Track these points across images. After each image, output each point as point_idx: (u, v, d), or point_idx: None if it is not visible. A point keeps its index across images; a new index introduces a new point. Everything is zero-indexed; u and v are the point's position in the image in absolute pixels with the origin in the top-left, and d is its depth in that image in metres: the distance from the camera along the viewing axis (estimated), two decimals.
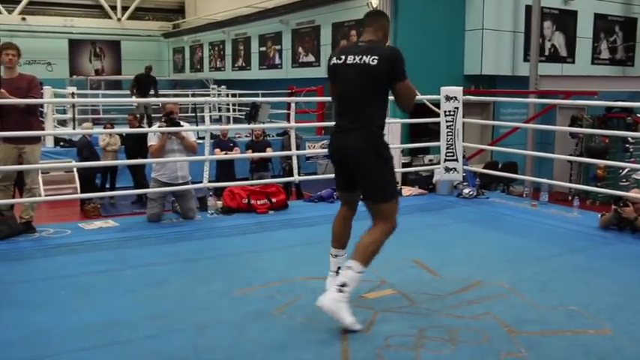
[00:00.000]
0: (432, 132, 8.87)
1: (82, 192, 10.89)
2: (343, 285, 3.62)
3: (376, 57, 3.76)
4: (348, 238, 4.15)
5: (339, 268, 4.01)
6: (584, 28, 14.70)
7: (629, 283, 4.72)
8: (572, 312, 4.03)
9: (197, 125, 12.11)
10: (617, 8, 15.10)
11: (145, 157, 6.99)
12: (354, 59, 3.83)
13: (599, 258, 5.42)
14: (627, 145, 12.02)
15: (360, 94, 3.86)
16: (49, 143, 13.54)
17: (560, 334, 3.71)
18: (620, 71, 15.48)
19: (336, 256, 4.14)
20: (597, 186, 11.38)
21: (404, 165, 10.22)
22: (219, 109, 19.36)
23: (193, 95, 20.81)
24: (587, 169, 12.47)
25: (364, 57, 3.79)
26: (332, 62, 3.99)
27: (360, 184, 3.93)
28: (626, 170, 11.23)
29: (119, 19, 26.87)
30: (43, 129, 9.72)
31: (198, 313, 3.97)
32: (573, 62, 14.69)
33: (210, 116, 8.45)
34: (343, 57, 3.90)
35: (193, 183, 6.88)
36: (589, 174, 12.56)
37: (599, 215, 6.54)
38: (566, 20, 14.39)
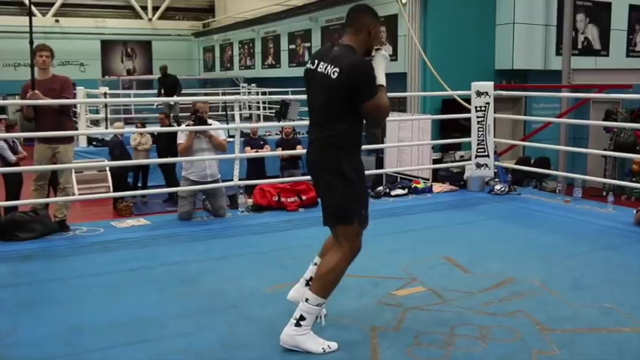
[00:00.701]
0: (463, 128, 8.79)
1: (114, 191, 11.03)
2: (301, 319, 3.39)
3: (337, 69, 3.33)
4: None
5: (311, 278, 3.74)
6: (619, 20, 14.43)
7: None
8: (606, 309, 3.96)
9: (227, 124, 12.19)
10: None
11: (176, 156, 7.04)
12: (323, 67, 3.41)
13: (633, 254, 5.33)
14: None
15: (323, 106, 3.48)
16: (82, 143, 13.75)
17: (593, 331, 3.65)
18: None
19: (315, 264, 3.83)
20: (632, 181, 11.17)
21: (435, 161, 10.17)
22: (250, 107, 19.45)
23: (224, 94, 20.92)
24: (622, 163, 12.26)
25: (329, 66, 3.37)
26: (306, 67, 3.61)
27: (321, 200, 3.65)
28: None
29: (150, 20, 27.12)
30: (76, 129, 9.86)
31: (228, 311, 3.99)
32: (607, 55, 14.43)
33: (241, 114, 8.48)
34: (316, 62, 3.49)
35: (224, 181, 6.91)
36: (624, 169, 12.35)
37: (635, 211, 6.43)
38: (599, 12, 14.14)
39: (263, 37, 21.94)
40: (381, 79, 3.44)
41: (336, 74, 3.32)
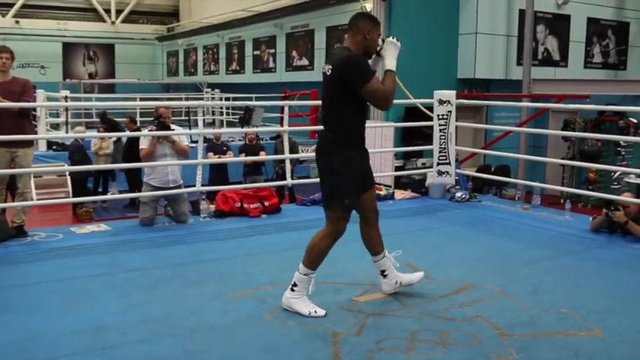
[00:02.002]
0: (425, 135, 8.89)
1: (74, 196, 10.87)
2: (294, 285, 4.01)
3: (330, 66, 3.86)
4: (372, 243, 4.32)
5: (382, 271, 4.33)
6: (577, 32, 14.76)
7: (619, 285, 4.75)
8: (563, 314, 4.05)
9: (190, 129, 12.12)
10: (609, 12, 15.18)
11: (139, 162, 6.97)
12: (325, 68, 3.92)
13: (590, 261, 5.45)
14: (619, 149, 12.08)
15: (325, 102, 4.02)
16: (42, 147, 13.52)
17: (550, 336, 3.72)
18: (613, 75, 15.55)
19: (373, 262, 4.37)
20: (589, 189, 11.41)
21: (397, 168, 10.25)
22: (213, 113, 19.38)
23: (187, 99, 20.81)
24: (579, 172, 12.51)
25: (327, 66, 3.90)
26: (322, 70, 4.02)
27: None
28: (617, 173, 11.28)
29: (113, 23, 26.86)
30: (35, 132, 9.69)
31: (190, 317, 3.97)
32: (566, 66, 14.75)
33: (204, 120, 8.44)
34: (326, 66, 3.94)
35: (186, 187, 6.87)
36: (581, 177, 12.60)
37: (591, 218, 6.57)
38: (559, 24, 14.45)
39: (228, 43, 21.90)
40: (389, 65, 3.94)
41: (330, 71, 3.85)
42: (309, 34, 17.27)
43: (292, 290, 4.01)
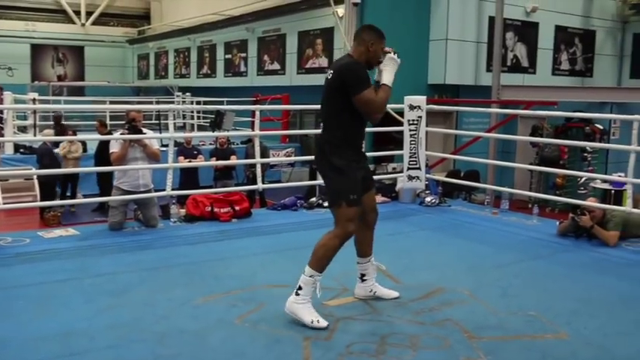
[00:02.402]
0: (396, 140, 8.95)
1: (41, 200, 10.72)
2: (299, 288, 3.93)
3: (332, 71, 4.02)
4: (363, 245, 4.37)
5: (362, 275, 4.39)
6: (545, 40, 14.99)
7: (585, 288, 4.83)
8: (531, 317, 4.11)
9: (161, 133, 12.04)
10: (576, 21, 15.44)
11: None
12: (328, 73, 4.06)
13: (557, 264, 5.53)
14: (585, 155, 12.28)
15: (324, 106, 4.11)
16: (9, 150, 13.31)
17: (518, 338, 3.77)
18: (580, 82, 15.81)
19: (357, 263, 4.41)
20: (556, 194, 11.59)
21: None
22: (184, 117, 19.27)
23: (157, 102, 20.66)
24: (547, 177, 12.69)
25: (329, 71, 4.05)
26: (325, 76, 4.14)
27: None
28: (583, 179, 11.47)
29: (83, 25, 26.59)
30: (2, 135, 9.56)
31: (159, 322, 3.94)
32: (534, 73, 14.96)
33: (175, 124, 8.40)
34: (328, 70, 4.10)
35: (156, 191, 6.83)
36: (549, 182, 12.79)
37: (558, 223, 6.67)
38: (527, 32, 14.65)
39: (199, 46, 21.82)
40: (385, 79, 4.08)
41: (331, 75, 4.01)
42: (280, 38, 17.27)
43: (297, 294, 3.92)
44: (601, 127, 12.26)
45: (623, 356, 3.60)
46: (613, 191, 11.06)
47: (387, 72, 4.09)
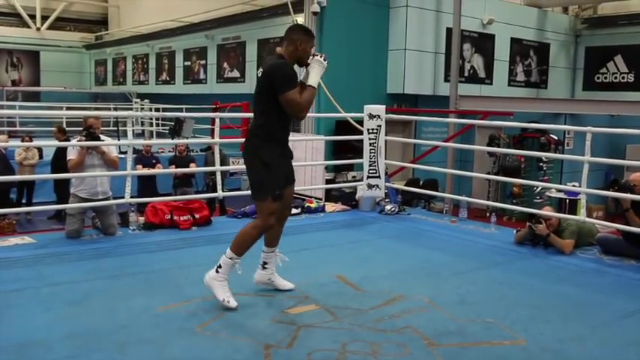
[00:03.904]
0: (356, 149, 9.01)
1: None
2: (219, 266, 4.29)
3: (261, 70, 4.27)
4: (272, 236, 4.59)
5: (264, 263, 4.65)
6: (502, 51, 15.26)
7: (542, 295, 4.93)
8: (489, 324, 4.17)
9: (119, 140, 11.90)
10: (531, 33, 15.77)
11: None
12: (259, 71, 4.34)
13: (514, 272, 5.63)
14: (541, 164, 12.54)
15: (254, 102, 4.34)
16: None
17: (477, 345, 3.83)
18: (535, 93, 16.14)
19: (262, 251, 4.65)
20: (513, 203, 11.80)
21: (328, 181, 10.34)
22: (142, 124, 19.05)
23: (115, 109, 20.41)
24: (504, 186, 12.91)
25: (260, 70, 4.33)
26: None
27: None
28: (539, 188, 11.70)
29: (38, 29, 26.09)
30: None
31: (119, 332, 3.89)
32: (491, 83, 15.21)
33: (133, 131, 8.28)
34: (260, 69, 4.36)
35: (115, 198, 6.74)
36: (506, 191, 13.01)
37: (515, 231, 6.80)
38: (484, 43, 14.90)
39: (158, 53, 21.64)
40: (311, 81, 4.27)
41: (260, 74, 4.25)
42: (240, 45, 17.24)
43: (216, 271, 4.28)
44: (556, 138, 12.55)
45: None
46: (568, 200, 11.34)
47: (313, 74, 4.27)
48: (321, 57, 4.31)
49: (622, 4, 15.86)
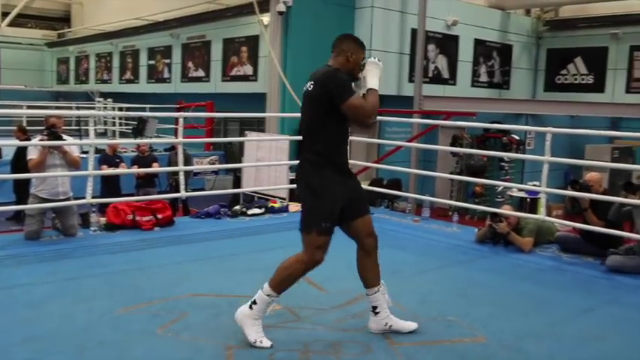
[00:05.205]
0: None
1: None
2: (254, 302, 3.73)
3: (313, 82, 3.75)
4: (365, 274, 4.07)
5: (374, 307, 3.99)
6: (465, 53, 15.43)
7: (502, 293, 5.01)
8: (451, 322, 4.23)
9: (81, 139, 11.74)
10: (494, 35, 15.96)
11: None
12: (308, 85, 3.79)
13: (476, 270, 5.71)
14: (503, 164, 12.71)
15: (305, 121, 3.85)
16: None
17: (438, 343, 3.88)
18: (497, 94, 16.35)
19: (366, 295, 4.06)
20: (475, 202, 11.94)
21: (292, 181, 10.32)
22: (105, 123, 18.82)
23: (78, 108, 20.13)
24: (467, 186, 13.06)
25: (309, 83, 3.78)
26: (304, 88, 3.87)
27: None
28: (501, 187, 11.85)
29: None
30: None
31: (78, 334, 3.85)
32: (455, 84, 15.36)
33: (96, 130, 8.14)
34: (307, 82, 3.82)
35: (76, 199, 6.65)
36: (468, 191, 13.15)
37: (476, 230, 6.88)
38: (448, 44, 15.04)
39: (121, 51, 21.41)
40: (371, 83, 3.79)
41: (312, 86, 3.73)
42: (205, 45, 17.14)
43: (250, 308, 3.74)
44: (517, 138, 12.73)
45: (537, 357, 3.75)
46: (529, 199, 11.51)
47: (372, 76, 3.82)
48: (375, 59, 3.88)
49: (582, 8, 16.15)
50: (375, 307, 3.98)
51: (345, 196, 3.79)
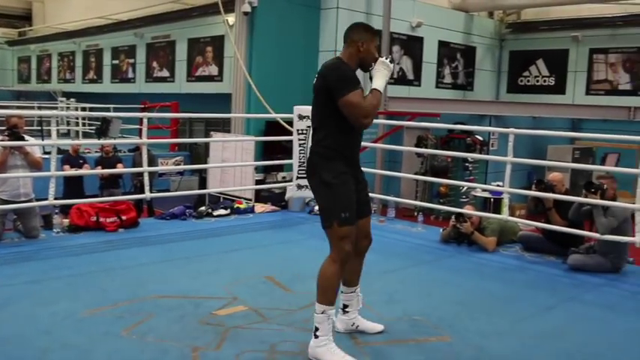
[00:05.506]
0: (286, 150, 9.02)
1: None
2: (315, 330, 3.56)
3: (317, 74, 3.67)
4: (350, 273, 3.91)
5: (345, 305, 3.99)
6: (430, 54, 15.54)
7: (467, 292, 5.07)
8: (416, 321, 4.27)
9: (43, 139, 11.55)
10: (458, 37, 16.12)
11: None
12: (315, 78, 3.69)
13: (441, 270, 5.78)
14: (467, 164, 12.85)
15: (312, 113, 3.77)
16: None
17: (404, 342, 3.92)
18: (461, 95, 16.50)
19: (340, 292, 3.88)
20: (440, 202, 12.06)
21: (257, 182, 10.32)
22: (68, 123, 18.53)
23: (40, 108, 19.80)
24: (432, 186, 13.17)
25: (317, 75, 3.69)
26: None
27: None
28: (465, 188, 11.99)
29: None
30: None
31: (41, 337, 3.80)
32: (419, 85, 15.46)
33: (58, 130, 8.03)
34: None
35: (38, 200, 6.55)
36: (433, 191, 13.27)
37: (441, 230, 6.96)
38: (413, 46, 15.14)
39: (85, 51, 21.11)
40: (376, 84, 3.67)
41: (316, 79, 3.65)
42: (170, 44, 17.00)
43: (315, 337, 3.55)
44: (481, 139, 12.89)
45: (500, 355, 3.81)
46: (492, 199, 11.66)
47: (379, 77, 3.68)
48: (386, 58, 3.72)
49: (543, 11, 16.40)
50: (345, 306, 3.99)
51: (353, 188, 3.70)
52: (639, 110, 13.00)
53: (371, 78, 3.74)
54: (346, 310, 3.99)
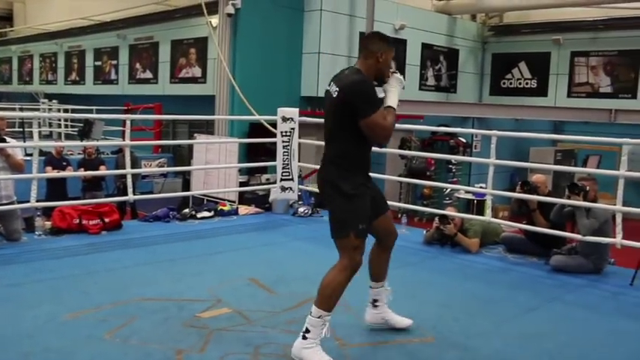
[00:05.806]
0: (269, 152, 9.01)
1: None
2: (306, 331, 3.55)
3: (338, 88, 3.57)
4: (378, 268, 4.10)
5: (374, 300, 4.10)
6: (413, 56, 15.61)
7: (450, 294, 5.10)
8: None
9: (25, 141, 11.46)
10: (441, 39, 16.20)
11: None
12: (332, 87, 3.63)
13: (424, 271, 5.80)
14: (450, 166, 12.92)
15: (329, 124, 3.68)
16: None
17: (388, 344, 3.93)
18: (445, 97, 16.58)
19: (369, 287, 4.11)
20: (424, 204, 12.10)
21: (241, 184, 10.31)
22: (50, 125, 18.40)
23: (21, 109, 19.62)
24: (415, 188, 13.23)
25: (334, 86, 3.61)
26: (326, 88, 3.71)
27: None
28: (449, 189, 12.05)
29: None
30: None
31: (23, 341, 3.76)
32: (403, 87, 15.53)
33: (40, 132, 7.93)
34: (330, 83, 3.66)
35: (19, 202, 6.49)
36: (417, 193, 13.33)
37: (424, 232, 6.98)
38: (396, 48, 15.19)
39: (67, 52, 20.98)
40: (391, 101, 3.68)
41: (336, 93, 3.55)
42: (153, 46, 16.93)
43: (304, 338, 3.54)
44: (464, 141, 12.97)
45: (483, 356, 3.84)
46: (475, 201, 11.73)
47: (393, 93, 3.71)
48: (400, 75, 3.77)
49: (525, 14, 16.53)
50: (375, 300, 4.10)
51: (371, 195, 3.78)
52: (620, 113, 13.15)
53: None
54: (376, 304, 4.10)
